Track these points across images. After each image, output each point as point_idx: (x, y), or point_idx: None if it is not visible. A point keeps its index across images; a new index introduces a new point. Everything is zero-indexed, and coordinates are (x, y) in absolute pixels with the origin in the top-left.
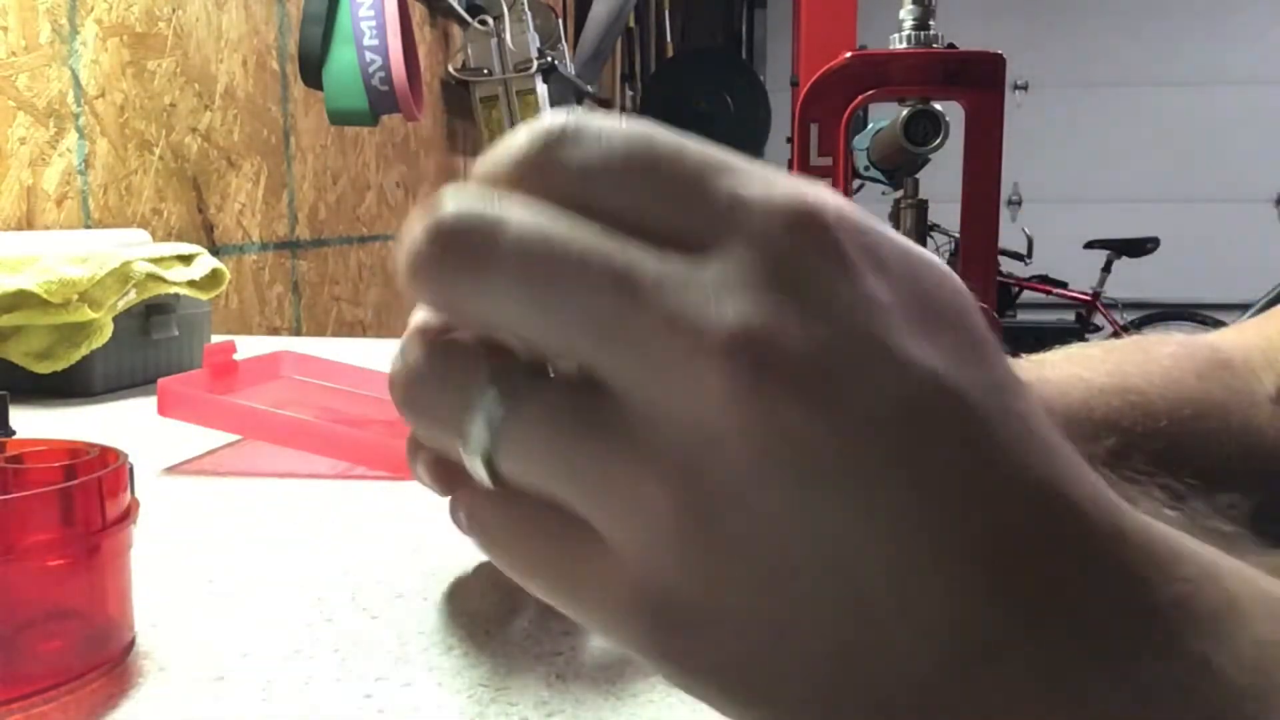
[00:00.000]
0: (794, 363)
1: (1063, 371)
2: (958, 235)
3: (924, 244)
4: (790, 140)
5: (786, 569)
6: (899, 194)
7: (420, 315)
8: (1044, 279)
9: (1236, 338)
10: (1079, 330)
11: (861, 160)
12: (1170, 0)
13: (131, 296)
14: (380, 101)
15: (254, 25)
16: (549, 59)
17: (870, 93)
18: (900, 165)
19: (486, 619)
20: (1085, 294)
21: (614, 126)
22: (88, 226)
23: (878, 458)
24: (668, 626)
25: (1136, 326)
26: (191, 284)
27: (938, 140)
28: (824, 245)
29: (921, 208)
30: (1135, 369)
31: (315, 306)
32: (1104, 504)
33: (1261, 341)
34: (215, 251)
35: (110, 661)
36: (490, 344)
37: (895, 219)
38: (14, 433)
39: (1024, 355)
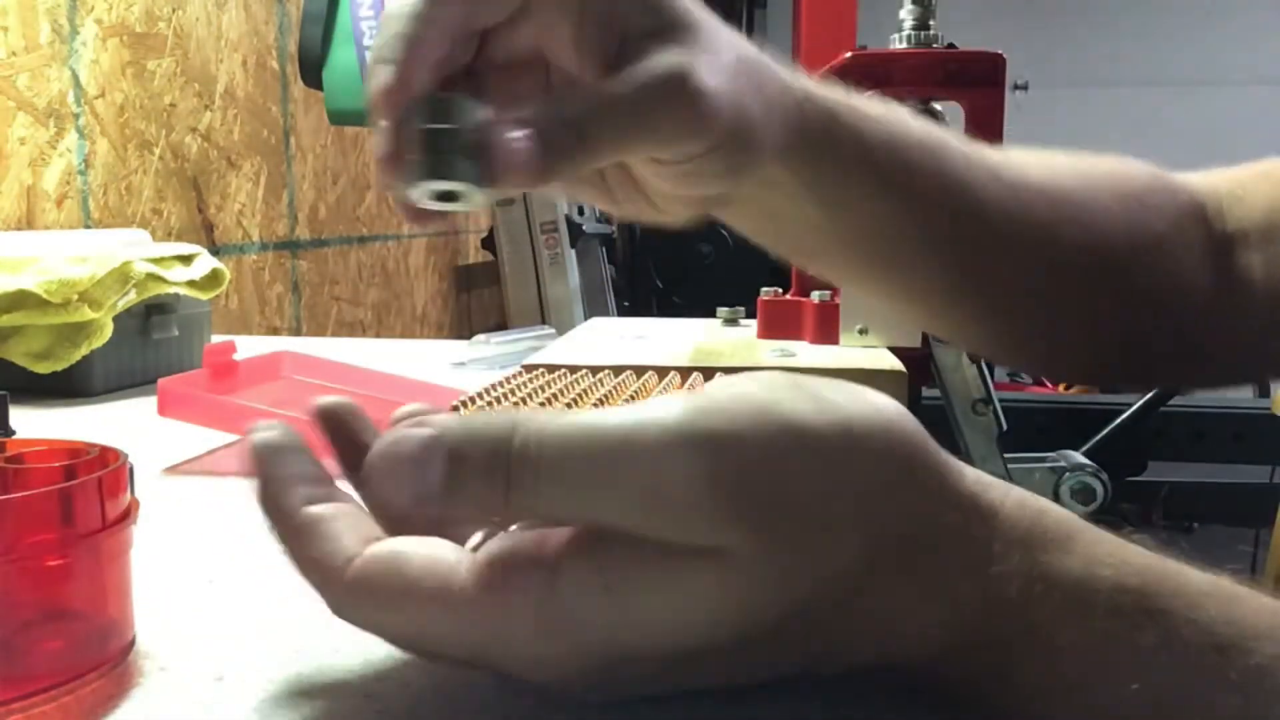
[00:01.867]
0: None
1: (1021, 162)
2: None
3: None
4: None
5: None
6: None
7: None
8: None
9: (1203, 180)
10: None
11: None
12: (1170, 0)
13: (131, 296)
14: None
15: (254, 25)
16: None
17: (870, 93)
18: None
19: None
20: None
21: None
22: (88, 226)
23: None
24: None
25: None
26: (191, 284)
27: None
28: None
29: None
30: (1097, 185)
31: (315, 306)
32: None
33: (1224, 189)
34: (215, 251)
35: (110, 661)
36: None
37: None
38: (14, 433)
39: None
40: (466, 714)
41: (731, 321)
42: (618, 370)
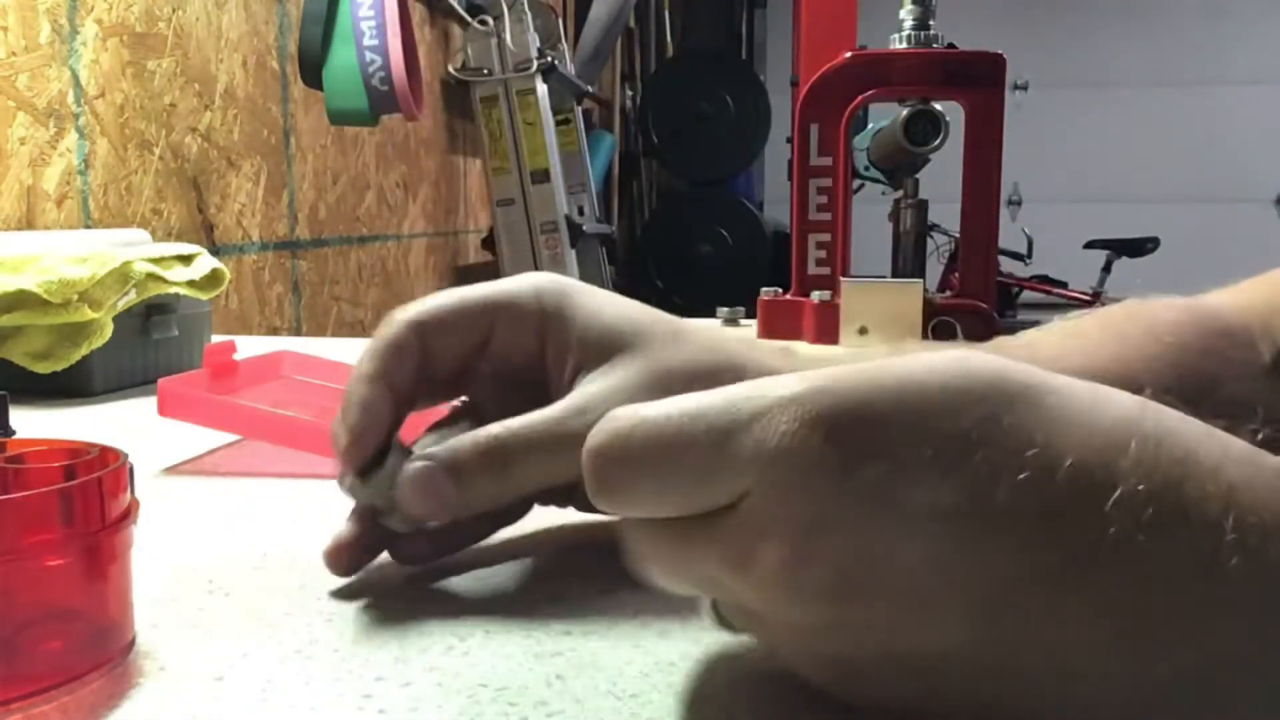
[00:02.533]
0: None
1: (1057, 351)
2: (958, 235)
3: (924, 244)
4: (790, 140)
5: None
6: (899, 194)
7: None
8: (1044, 279)
9: (1235, 300)
10: None
11: (861, 160)
12: (1170, 0)
13: (131, 296)
14: (380, 101)
15: (254, 25)
16: (549, 59)
17: (870, 93)
18: (900, 165)
19: (487, 619)
20: (1085, 294)
21: None
22: (88, 226)
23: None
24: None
25: None
26: (191, 284)
27: (938, 140)
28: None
29: (921, 208)
30: (1135, 351)
31: (315, 306)
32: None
33: (1261, 306)
34: (215, 251)
35: (110, 661)
36: None
37: (895, 219)
38: (14, 433)
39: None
40: (466, 715)
41: (731, 321)
42: None
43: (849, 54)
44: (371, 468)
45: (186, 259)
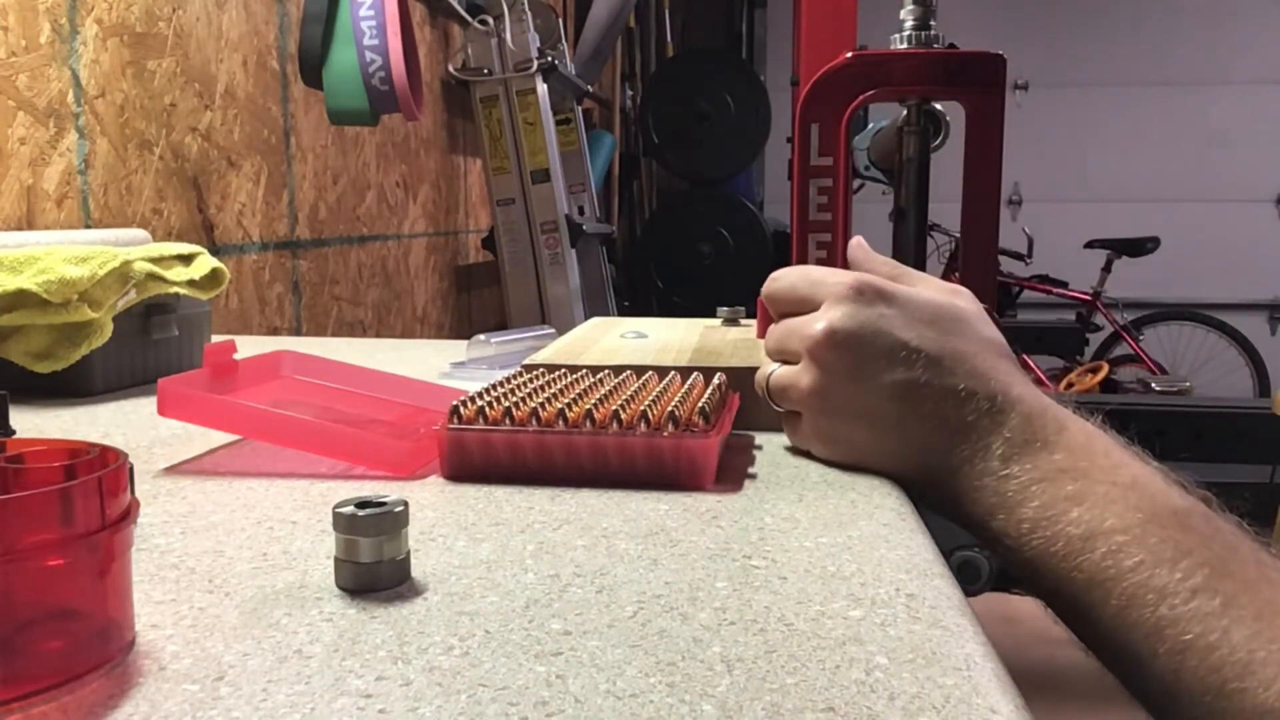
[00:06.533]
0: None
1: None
2: (958, 235)
3: (923, 243)
4: (790, 140)
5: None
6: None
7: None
8: (1044, 279)
9: None
10: (1079, 329)
11: (861, 160)
12: (1170, 0)
13: (131, 296)
14: (380, 101)
15: (254, 25)
16: (549, 59)
17: (870, 93)
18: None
19: (486, 619)
20: (1085, 294)
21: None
22: (88, 226)
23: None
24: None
25: (1137, 326)
26: (191, 284)
27: (938, 140)
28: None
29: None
30: None
31: (315, 306)
32: (1008, 392)
33: None
34: (215, 251)
35: (110, 661)
36: None
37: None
38: (14, 433)
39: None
40: (466, 715)
41: (731, 321)
42: (618, 370)
43: (849, 54)
44: None
45: (186, 259)
